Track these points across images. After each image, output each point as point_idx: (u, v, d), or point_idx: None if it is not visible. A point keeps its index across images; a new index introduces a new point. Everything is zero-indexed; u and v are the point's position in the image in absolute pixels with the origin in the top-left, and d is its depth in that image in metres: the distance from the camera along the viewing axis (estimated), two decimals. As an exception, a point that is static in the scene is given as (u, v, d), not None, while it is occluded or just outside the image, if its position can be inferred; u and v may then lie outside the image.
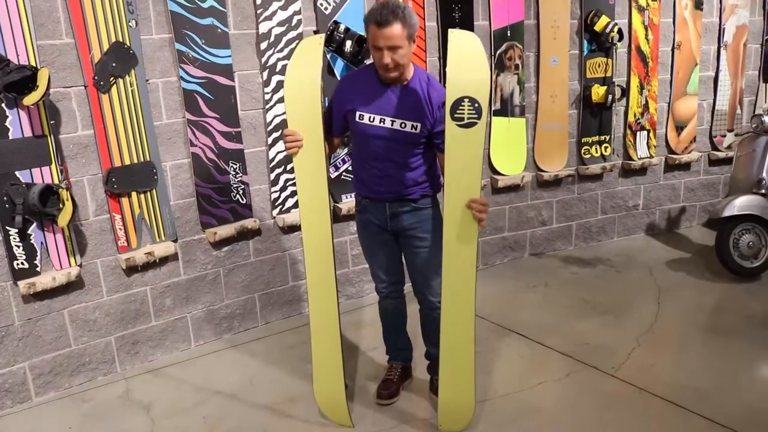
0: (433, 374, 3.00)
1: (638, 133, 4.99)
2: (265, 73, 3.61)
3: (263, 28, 3.55)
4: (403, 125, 2.57)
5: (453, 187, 2.48)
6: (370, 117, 2.59)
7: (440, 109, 2.52)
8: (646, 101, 4.96)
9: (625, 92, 4.83)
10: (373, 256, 2.93)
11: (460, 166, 2.46)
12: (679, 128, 5.16)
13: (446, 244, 2.53)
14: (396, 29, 2.40)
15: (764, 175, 4.30)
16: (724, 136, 5.37)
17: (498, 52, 4.37)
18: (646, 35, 4.83)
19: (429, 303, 2.84)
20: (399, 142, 2.61)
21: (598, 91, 4.65)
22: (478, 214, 2.46)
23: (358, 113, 2.61)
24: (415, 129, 2.57)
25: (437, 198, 2.78)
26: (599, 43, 4.66)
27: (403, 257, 2.91)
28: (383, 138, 2.60)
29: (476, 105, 2.38)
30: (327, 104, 2.72)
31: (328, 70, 3.76)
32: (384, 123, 2.58)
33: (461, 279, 2.56)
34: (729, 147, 5.32)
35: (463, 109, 2.38)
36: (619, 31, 4.55)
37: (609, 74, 4.75)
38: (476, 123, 2.40)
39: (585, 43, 4.65)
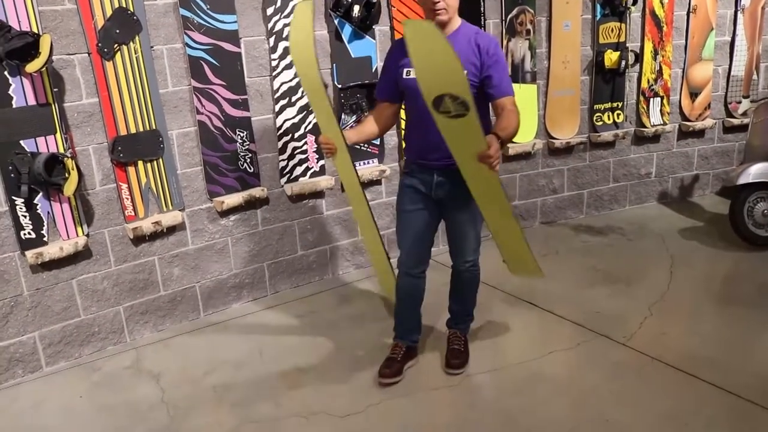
0: (451, 327, 3.13)
1: (651, 99, 4.90)
2: (272, 39, 3.54)
3: (269, -8, 3.48)
4: None
5: (467, 169, 2.52)
6: None
7: (488, 54, 2.59)
8: (660, 67, 4.86)
9: (639, 58, 4.75)
10: (407, 222, 2.87)
11: (461, 145, 2.45)
12: (694, 95, 5.07)
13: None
14: None
15: (780, 142, 4.23)
16: (740, 102, 5.27)
17: (509, 16, 4.27)
18: (661, -1, 4.72)
19: (459, 264, 2.96)
20: None
21: (611, 57, 4.56)
22: (490, 161, 2.42)
23: (405, 70, 2.63)
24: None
25: None
26: (612, 8, 4.56)
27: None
28: None
29: (459, 100, 2.28)
30: (381, 69, 2.81)
31: (336, 35, 3.70)
32: None
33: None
34: (744, 114, 5.24)
35: (448, 105, 2.29)
36: (634, -5, 4.46)
37: (622, 39, 4.66)
38: (466, 114, 2.31)
39: (598, 7, 4.54)
